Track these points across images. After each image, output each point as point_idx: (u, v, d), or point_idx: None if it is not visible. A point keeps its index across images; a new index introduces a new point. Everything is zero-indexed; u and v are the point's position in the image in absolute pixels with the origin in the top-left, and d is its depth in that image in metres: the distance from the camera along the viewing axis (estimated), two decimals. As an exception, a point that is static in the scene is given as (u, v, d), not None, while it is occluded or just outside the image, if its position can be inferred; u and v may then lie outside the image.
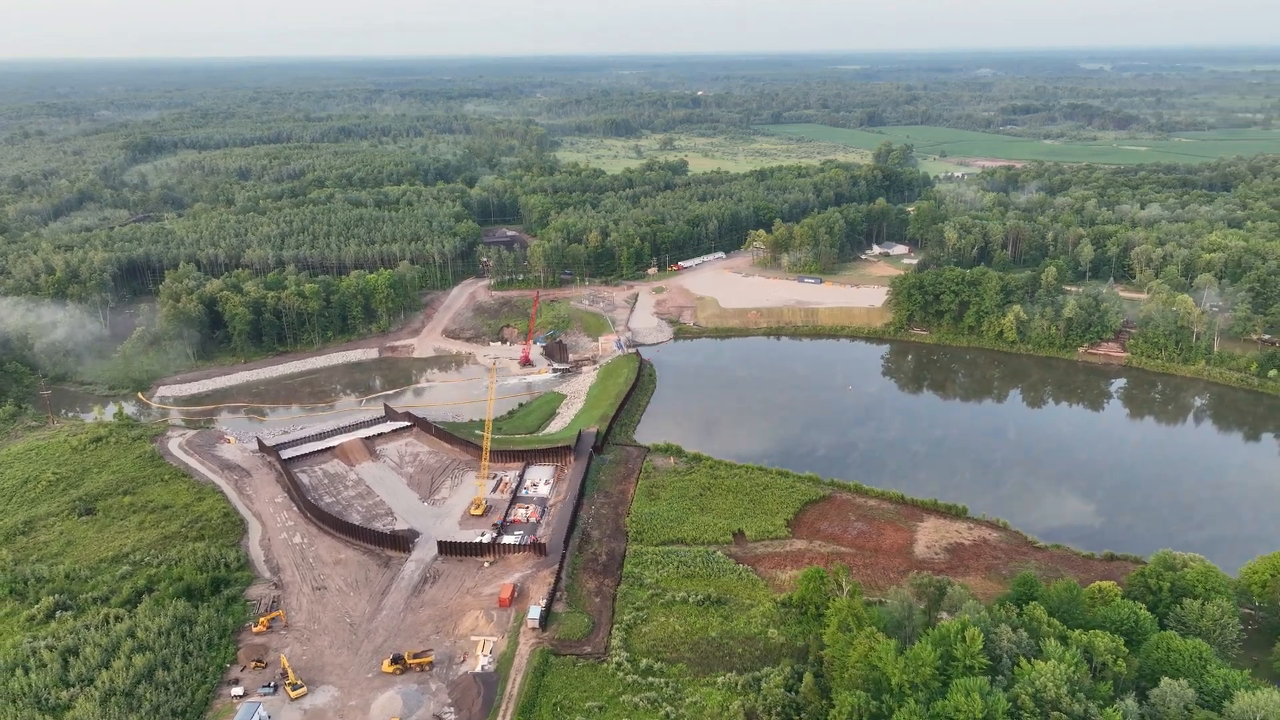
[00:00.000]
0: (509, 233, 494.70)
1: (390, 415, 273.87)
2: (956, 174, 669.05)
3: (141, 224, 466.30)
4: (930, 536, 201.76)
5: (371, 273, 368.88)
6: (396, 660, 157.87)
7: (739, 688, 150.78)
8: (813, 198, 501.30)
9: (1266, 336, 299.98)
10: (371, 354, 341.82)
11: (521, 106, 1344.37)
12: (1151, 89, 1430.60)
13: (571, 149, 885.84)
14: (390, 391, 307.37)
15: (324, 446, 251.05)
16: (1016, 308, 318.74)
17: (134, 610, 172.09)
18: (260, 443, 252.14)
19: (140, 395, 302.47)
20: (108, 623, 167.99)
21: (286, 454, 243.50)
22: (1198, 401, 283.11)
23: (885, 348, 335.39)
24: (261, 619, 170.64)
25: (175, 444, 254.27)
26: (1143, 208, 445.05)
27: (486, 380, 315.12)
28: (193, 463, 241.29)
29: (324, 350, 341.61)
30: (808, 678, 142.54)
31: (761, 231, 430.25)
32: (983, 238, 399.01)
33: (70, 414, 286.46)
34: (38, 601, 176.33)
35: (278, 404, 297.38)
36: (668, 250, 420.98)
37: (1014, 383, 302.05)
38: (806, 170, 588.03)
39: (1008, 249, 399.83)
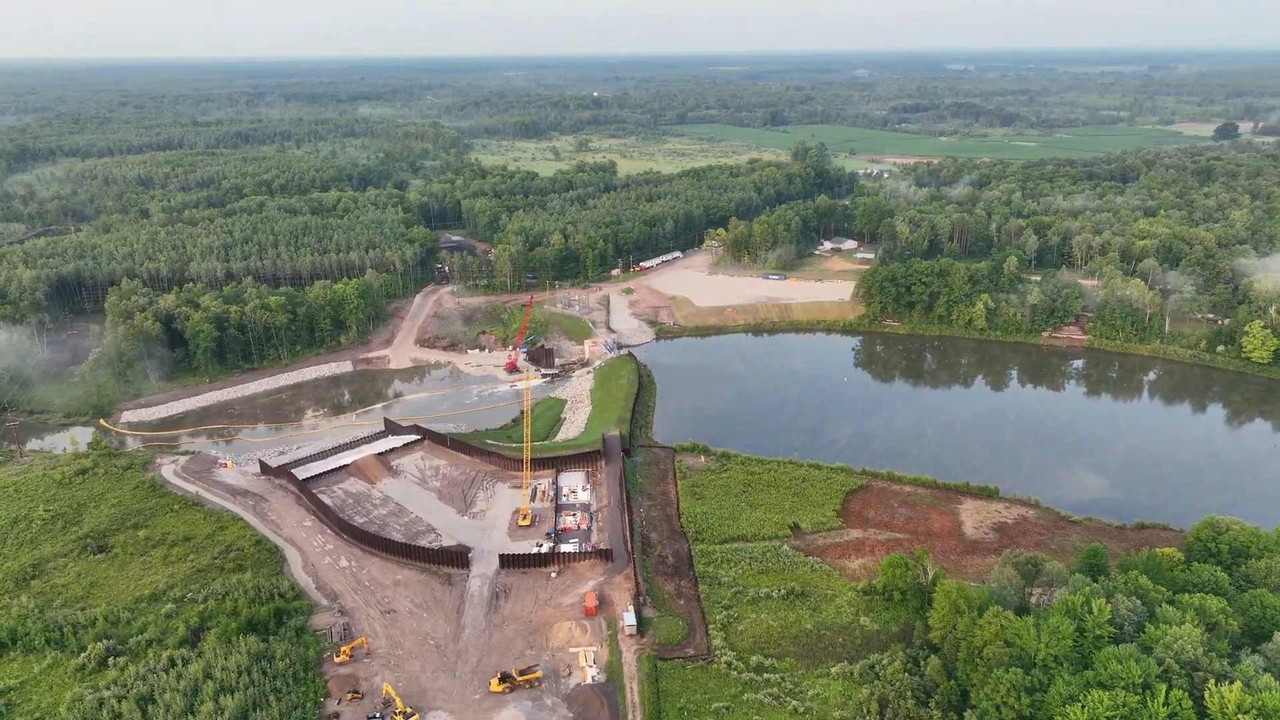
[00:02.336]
0: (454, 238, 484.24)
1: (392, 429, 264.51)
2: (873, 170, 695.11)
3: (55, 238, 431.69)
4: (974, 518, 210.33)
5: (336, 283, 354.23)
6: (505, 679, 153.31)
7: (855, 676, 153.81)
8: (755, 196, 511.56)
9: (1210, 315, 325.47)
10: (345, 367, 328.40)
11: (418, 109, 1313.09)
12: (1021, 89, 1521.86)
13: (484, 151, 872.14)
14: (378, 405, 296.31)
15: (336, 466, 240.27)
16: (985, 296, 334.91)
17: (196, 650, 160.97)
18: (263, 465, 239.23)
19: (102, 421, 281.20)
20: (175, 665, 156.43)
21: (300, 475, 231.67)
22: (1164, 378, 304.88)
23: (863, 340, 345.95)
24: (343, 648, 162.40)
25: (170, 471, 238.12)
26: (1064, 198, 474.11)
27: (477, 389, 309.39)
28: (197, 490, 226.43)
29: (293, 365, 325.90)
30: (934, 660, 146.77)
31: (721, 230, 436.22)
32: (931, 231, 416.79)
33: (15, 445, 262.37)
34: (83, 649, 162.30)
35: (259, 424, 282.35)
36: (629, 251, 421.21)
37: (993, 367, 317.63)
38: (738, 169, 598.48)
39: (954, 241, 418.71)
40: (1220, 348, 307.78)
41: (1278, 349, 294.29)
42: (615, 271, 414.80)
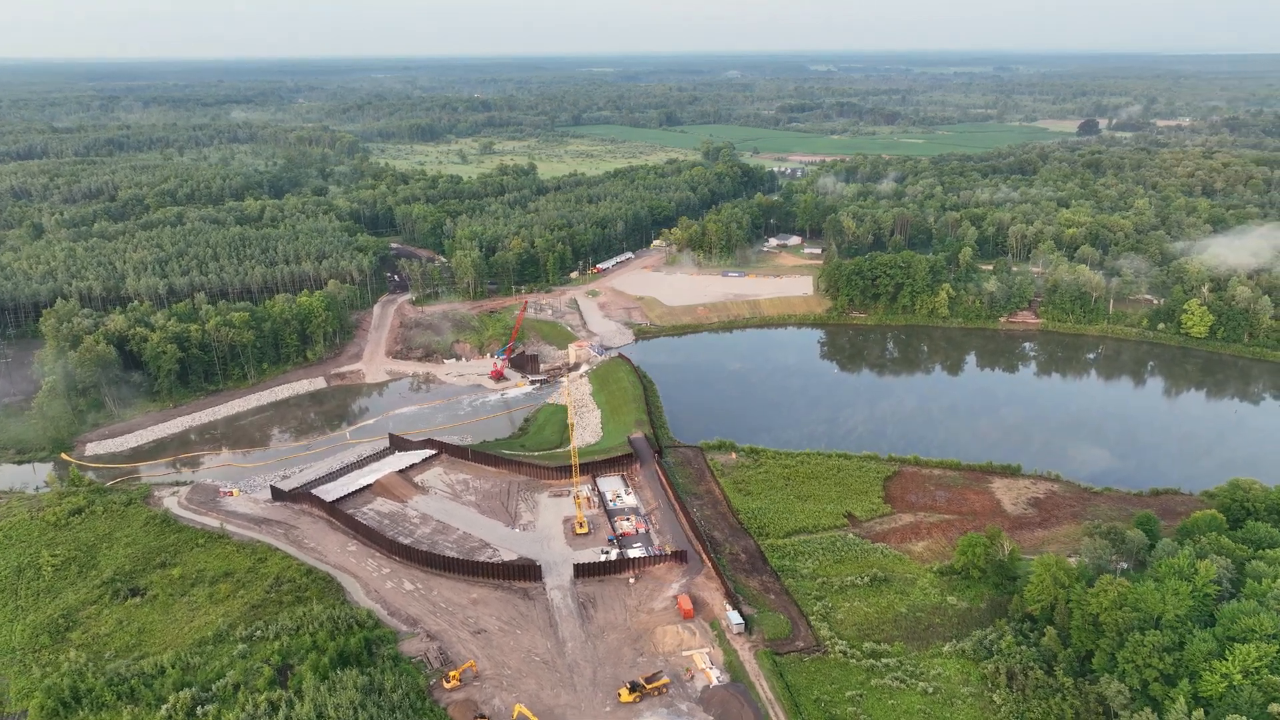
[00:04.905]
0: (393, 245, 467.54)
1: (399, 444, 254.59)
2: (786, 169, 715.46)
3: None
4: (1009, 495, 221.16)
5: (296, 296, 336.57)
6: (635, 688, 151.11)
7: (969, 653, 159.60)
8: (691, 195, 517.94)
9: (1148, 296, 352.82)
10: (318, 383, 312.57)
11: (296, 113, 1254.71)
12: (891, 89, 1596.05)
13: (384, 155, 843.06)
14: (370, 421, 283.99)
15: (360, 486, 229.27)
16: (946, 286, 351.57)
17: (292, 689, 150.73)
18: (276, 490, 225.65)
19: (64, 455, 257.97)
20: (277, 708, 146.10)
21: (323, 499, 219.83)
22: (1119, 355, 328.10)
23: (836, 332, 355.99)
24: (452, 673, 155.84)
25: (174, 504, 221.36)
26: (984, 192, 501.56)
27: (467, 399, 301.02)
28: (221, 523, 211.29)
29: (261, 385, 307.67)
30: (1050, 630, 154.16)
31: (675, 230, 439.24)
32: (875, 225, 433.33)
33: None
34: (162, 700, 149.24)
35: (243, 449, 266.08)
36: (587, 254, 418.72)
37: (965, 353, 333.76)
38: (663, 170, 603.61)
39: (897, 234, 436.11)
40: (1161, 325, 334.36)
41: (1213, 324, 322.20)
42: (574, 274, 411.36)
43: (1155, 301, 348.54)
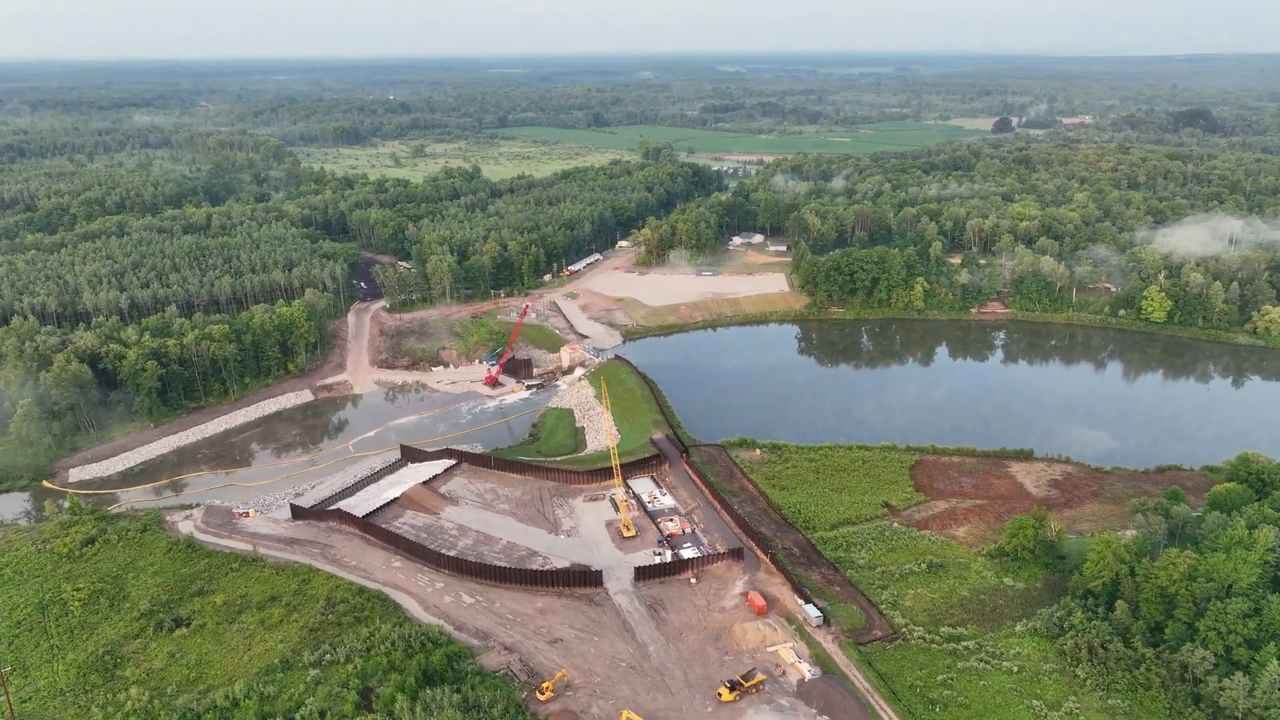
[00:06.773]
0: (362, 253, 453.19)
1: (411, 455, 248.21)
2: (727, 168, 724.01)
3: None
4: (1030, 478, 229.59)
5: (272, 306, 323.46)
6: (734, 686, 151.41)
7: (1041, 631, 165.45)
8: (648, 195, 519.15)
9: (1107, 285, 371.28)
10: (305, 396, 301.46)
11: (203, 116, 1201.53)
12: (806, 89, 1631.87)
13: (311, 160, 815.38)
14: (371, 433, 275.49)
15: (387, 500, 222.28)
16: (921, 279, 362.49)
17: (377, 712, 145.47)
18: (296, 509, 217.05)
19: (46, 483, 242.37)
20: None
21: (357, 515, 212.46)
22: (1087, 341, 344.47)
23: (818, 327, 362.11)
24: (546, 684, 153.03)
25: (191, 528, 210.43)
26: (935, 188, 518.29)
27: (465, 407, 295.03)
28: (240, 544, 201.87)
29: (245, 400, 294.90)
30: (1122, 605, 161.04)
31: (646, 230, 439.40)
32: (837, 223, 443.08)
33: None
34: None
35: (244, 466, 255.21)
36: (558, 256, 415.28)
37: (944, 343, 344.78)
38: (613, 170, 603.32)
39: (859, 231, 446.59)
40: (1122, 311, 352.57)
41: (1171, 309, 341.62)
42: (546, 277, 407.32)
43: (1114, 289, 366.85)
